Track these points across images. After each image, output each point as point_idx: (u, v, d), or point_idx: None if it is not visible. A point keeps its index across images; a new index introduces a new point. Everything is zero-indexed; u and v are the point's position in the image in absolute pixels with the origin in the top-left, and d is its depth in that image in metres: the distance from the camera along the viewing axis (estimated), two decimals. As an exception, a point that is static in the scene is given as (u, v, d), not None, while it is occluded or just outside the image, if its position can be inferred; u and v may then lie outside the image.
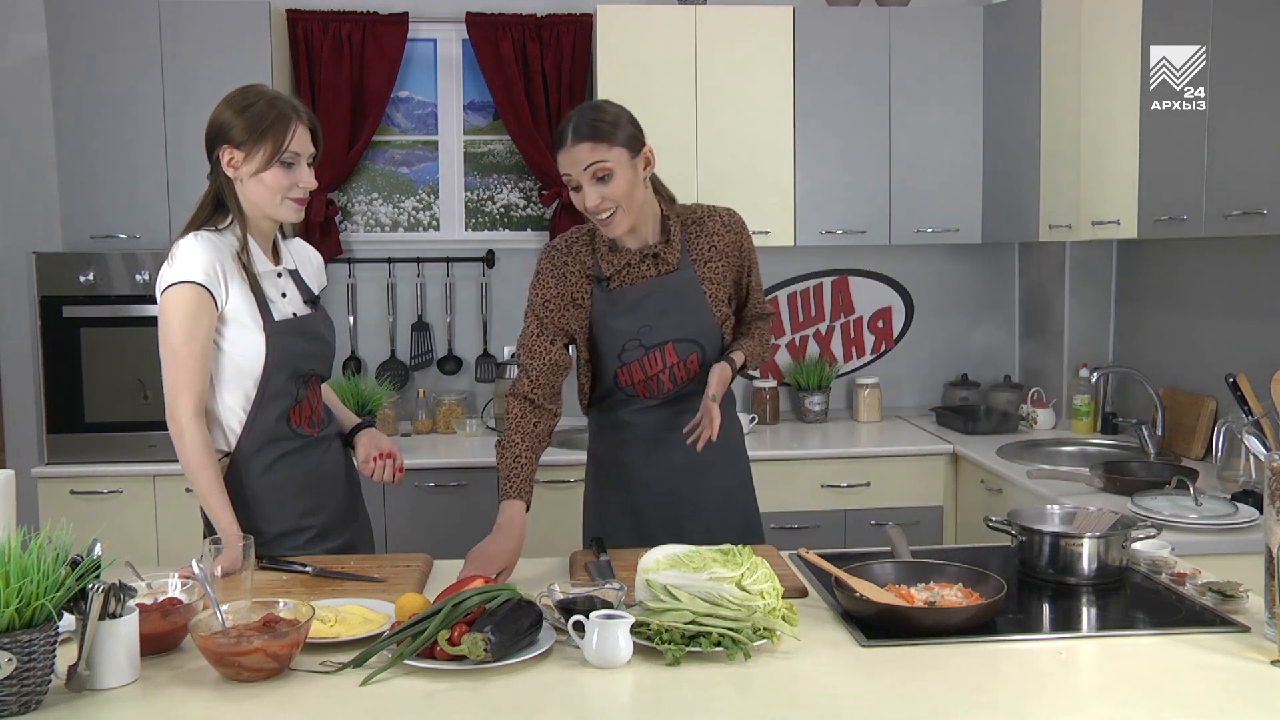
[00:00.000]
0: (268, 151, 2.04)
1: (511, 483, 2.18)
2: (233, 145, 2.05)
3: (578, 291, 2.28)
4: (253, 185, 2.06)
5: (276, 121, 2.04)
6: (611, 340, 2.29)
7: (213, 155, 2.09)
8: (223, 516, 2.01)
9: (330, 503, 2.23)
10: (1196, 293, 3.47)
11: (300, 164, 2.08)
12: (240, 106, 2.06)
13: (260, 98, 2.07)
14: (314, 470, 2.19)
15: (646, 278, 2.28)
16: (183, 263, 2.01)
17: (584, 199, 2.15)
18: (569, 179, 2.16)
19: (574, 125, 2.14)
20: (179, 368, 2.02)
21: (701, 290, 2.30)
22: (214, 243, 2.04)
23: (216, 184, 2.10)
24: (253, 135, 2.04)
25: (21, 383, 3.98)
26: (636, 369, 2.30)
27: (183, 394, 2.02)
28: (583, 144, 2.12)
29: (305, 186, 2.09)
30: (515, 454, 2.21)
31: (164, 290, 2.03)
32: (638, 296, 2.27)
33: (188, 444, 2.02)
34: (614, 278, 2.27)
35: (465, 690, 1.49)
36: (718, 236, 2.33)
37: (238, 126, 2.04)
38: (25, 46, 3.90)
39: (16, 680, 1.38)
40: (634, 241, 2.27)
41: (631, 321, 2.27)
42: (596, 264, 2.28)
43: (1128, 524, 2.03)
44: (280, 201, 2.08)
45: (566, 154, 2.13)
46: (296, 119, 2.07)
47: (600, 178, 2.13)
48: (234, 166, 2.06)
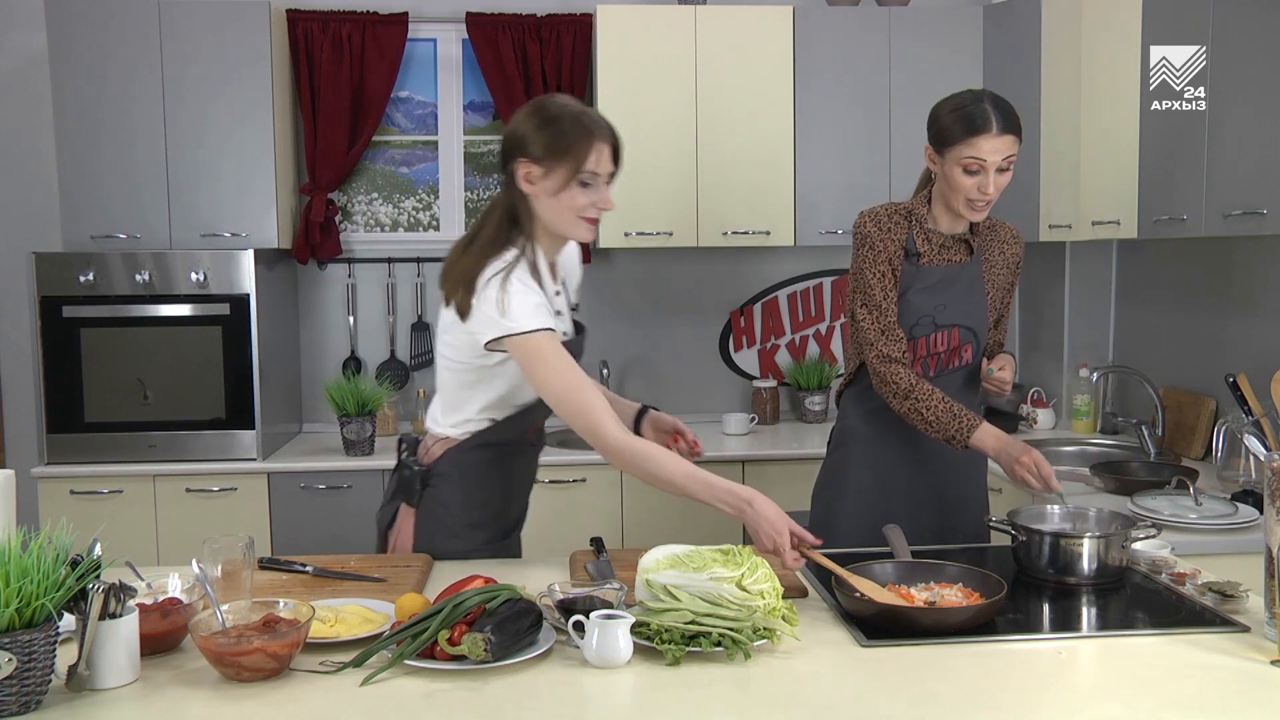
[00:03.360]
0: (567, 171, 1.94)
1: (963, 416, 2.27)
2: (530, 160, 1.96)
3: (896, 259, 2.36)
4: (548, 203, 1.98)
5: (579, 140, 1.94)
6: (909, 313, 2.36)
7: (507, 167, 2.00)
8: (715, 483, 1.92)
9: (521, 504, 2.30)
10: (1196, 293, 3.47)
11: (599, 184, 1.98)
12: (542, 120, 1.97)
13: (565, 113, 1.97)
14: (525, 472, 2.25)
15: (951, 261, 2.39)
16: (519, 311, 1.92)
17: (981, 184, 2.23)
18: (975, 163, 2.22)
19: (1000, 116, 2.21)
20: (578, 400, 1.92)
21: (984, 288, 2.41)
22: (530, 284, 1.96)
23: (510, 198, 2.01)
24: (552, 153, 1.94)
25: (21, 383, 3.98)
26: (923, 344, 2.38)
27: (603, 421, 1.91)
28: (1009, 135, 2.22)
29: (602, 207, 1.99)
30: (941, 399, 2.28)
31: (513, 336, 1.92)
32: (939, 277, 2.37)
33: (630, 465, 1.93)
34: (925, 254, 2.36)
35: (465, 690, 1.49)
36: (1006, 245, 2.47)
37: (537, 142, 1.95)
38: (25, 46, 3.90)
39: (16, 680, 1.38)
40: (950, 227, 2.37)
41: (930, 299, 2.36)
42: (911, 239, 2.36)
43: (1128, 524, 2.04)
44: (574, 221, 1.99)
45: (990, 141, 2.21)
46: (600, 137, 1.96)
47: (1004, 169, 2.24)
48: (529, 181, 1.98)
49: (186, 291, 3.54)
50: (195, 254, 3.55)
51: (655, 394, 4.09)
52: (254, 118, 3.64)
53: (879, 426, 2.41)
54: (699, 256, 4.18)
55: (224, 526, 3.33)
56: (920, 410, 2.30)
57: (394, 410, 4.02)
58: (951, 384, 2.42)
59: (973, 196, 2.26)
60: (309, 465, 3.60)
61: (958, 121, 2.23)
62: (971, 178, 2.24)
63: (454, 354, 2.07)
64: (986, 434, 2.27)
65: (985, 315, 2.42)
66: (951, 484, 2.45)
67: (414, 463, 2.16)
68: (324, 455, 3.67)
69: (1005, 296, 2.50)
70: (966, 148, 2.22)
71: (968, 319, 2.40)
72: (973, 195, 2.25)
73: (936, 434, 2.30)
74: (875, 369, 2.35)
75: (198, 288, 3.53)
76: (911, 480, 2.41)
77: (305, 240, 3.91)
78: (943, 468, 2.43)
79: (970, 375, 2.46)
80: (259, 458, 3.58)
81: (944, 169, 2.28)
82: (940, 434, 2.30)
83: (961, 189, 2.25)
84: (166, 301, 3.54)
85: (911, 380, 2.31)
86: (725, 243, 3.88)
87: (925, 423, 2.30)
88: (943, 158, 2.28)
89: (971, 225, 2.40)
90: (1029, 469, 2.24)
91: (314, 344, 4.14)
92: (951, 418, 2.28)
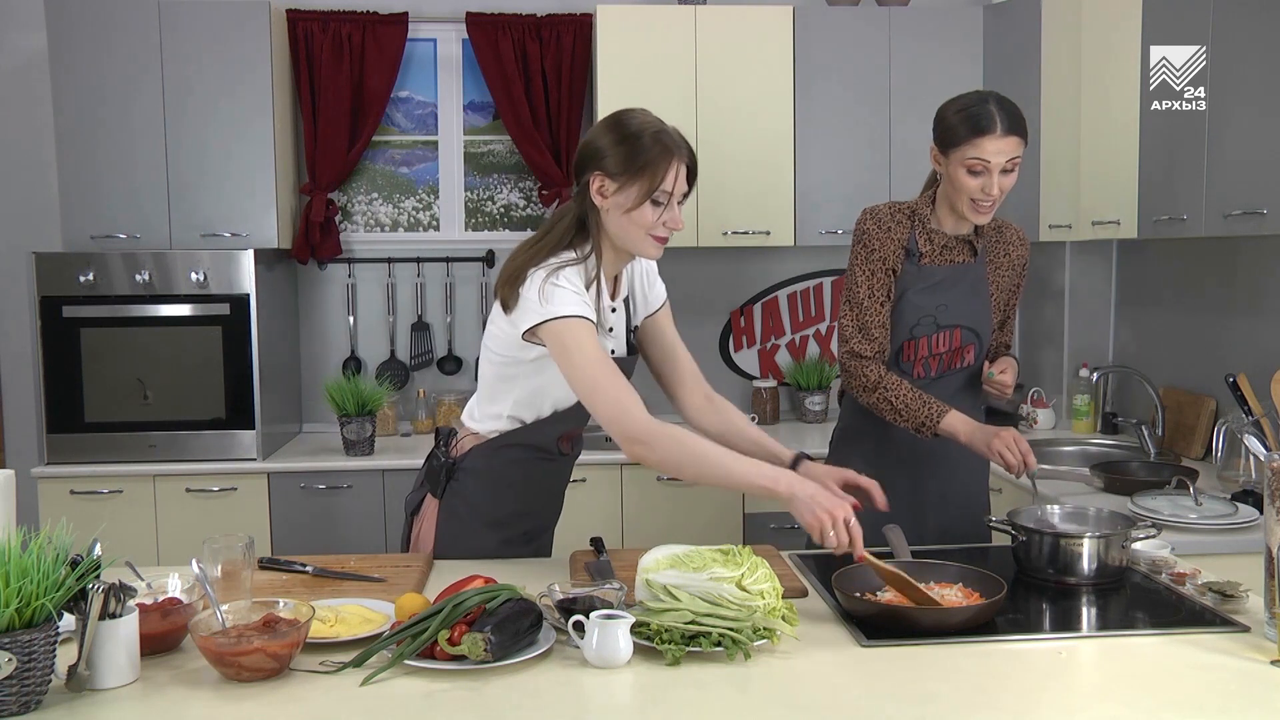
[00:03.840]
0: (642, 189, 1.92)
1: (932, 404, 2.28)
2: (605, 175, 1.94)
3: (894, 259, 2.36)
4: (618, 218, 1.95)
5: (657, 158, 1.91)
6: (909, 313, 2.37)
7: (582, 178, 1.98)
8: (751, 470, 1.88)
9: (551, 509, 2.32)
10: (1196, 293, 3.47)
11: (671, 203, 1.95)
12: (620, 136, 1.94)
13: (644, 130, 1.94)
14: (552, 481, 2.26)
15: (954, 262, 2.39)
16: (561, 300, 1.90)
17: (985, 185, 2.23)
18: (979, 164, 2.22)
19: (1004, 117, 2.21)
20: (610, 386, 1.89)
21: (989, 289, 2.41)
22: (577, 283, 1.94)
23: (581, 209, 1.99)
24: (629, 169, 1.92)
25: (21, 383, 3.98)
26: (924, 344, 2.38)
27: (631, 407, 1.88)
28: (1013, 137, 2.22)
29: (672, 227, 1.96)
30: (909, 389, 2.30)
31: (551, 321, 1.90)
32: (941, 277, 2.37)
33: (669, 443, 1.87)
34: (927, 255, 2.36)
35: (465, 690, 1.49)
36: (1013, 247, 2.46)
37: (614, 157, 1.93)
38: (25, 46, 3.90)
39: (16, 680, 1.38)
40: (954, 228, 2.37)
41: (931, 299, 2.36)
42: (913, 239, 2.36)
43: (1128, 524, 2.03)
44: (643, 238, 1.97)
45: (994, 142, 2.20)
46: (679, 157, 1.94)
47: (1008, 170, 2.23)
48: (603, 195, 1.95)
49: (186, 291, 3.54)
50: (195, 254, 3.55)
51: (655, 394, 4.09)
52: (254, 118, 3.64)
53: (879, 426, 2.41)
54: (699, 256, 4.18)
55: (224, 526, 3.34)
56: (889, 400, 2.31)
57: (394, 410, 4.02)
58: (953, 385, 2.42)
59: (977, 197, 2.26)
60: (309, 465, 3.60)
61: (963, 122, 2.23)
62: (975, 179, 2.24)
63: (495, 345, 2.07)
64: (956, 420, 2.29)
65: (989, 317, 2.42)
66: (952, 484, 2.45)
67: (443, 454, 2.17)
68: (324, 455, 3.67)
69: (1010, 298, 2.50)
70: (971, 148, 2.22)
71: (970, 320, 2.40)
72: (977, 196, 2.25)
73: (906, 423, 2.32)
74: (845, 364, 2.38)
75: (198, 288, 3.53)
76: (912, 480, 2.41)
77: (305, 240, 3.91)
78: (943, 468, 2.42)
79: (972, 377, 2.46)
80: (259, 458, 3.58)
81: (948, 170, 2.28)
82: (910, 423, 2.31)
83: (966, 190, 2.26)
84: (166, 301, 3.54)
85: (880, 373, 2.33)
86: (725, 243, 3.88)
87: (895, 412, 2.32)
88: (947, 158, 2.28)
89: (976, 227, 2.39)
90: (1007, 444, 2.24)
91: (314, 344, 4.14)
92: (921, 405, 2.29)
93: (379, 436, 3.87)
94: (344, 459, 3.63)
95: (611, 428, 1.89)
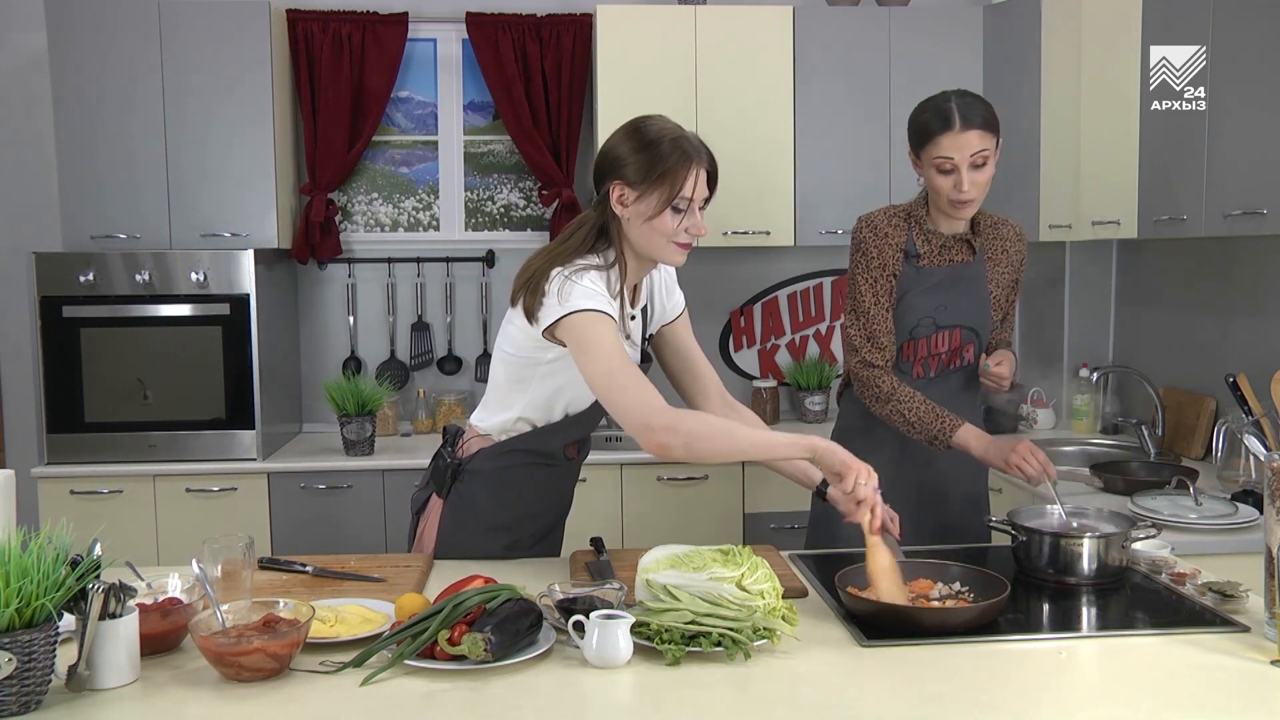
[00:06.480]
0: (662, 197, 1.90)
1: (945, 418, 2.28)
2: (625, 183, 1.92)
3: (894, 263, 2.36)
4: (640, 226, 1.94)
5: (676, 165, 1.90)
6: (909, 315, 2.37)
7: (601, 187, 1.96)
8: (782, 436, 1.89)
9: (559, 510, 2.29)
10: (1196, 293, 3.47)
11: (692, 209, 1.94)
12: (639, 143, 1.92)
13: (663, 137, 1.92)
14: (558, 486, 2.24)
15: (953, 262, 2.39)
16: (581, 295, 1.88)
17: (957, 183, 2.23)
18: (946, 162, 2.22)
19: (964, 111, 2.22)
20: (629, 380, 1.86)
21: (988, 287, 2.41)
22: (599, 285, 1.92)
23: (602, 218, 1.97)
24: (648, 178, 1.90)
25: (21, 383, 3.98)
26: (924, 345, 2.39)
27: (651, 399, 1.84)
28: (973, 131, 2.21)
29: (694, 233, 1.95)
30: (922, 401, 2.29)
31: (570, 315, 1.87)
32: (941, 277, 2.38)
33: (695, 423, 1.85)
34: (925, 256, 2.36)
35: (465, 690, 1.49)
36: (1010, 244, 2.46)
37: (633, 164, 1.91)
38: (25, 46, 3.90)
39: (16, 680, 1.38)
40: (949, 227, 2.37)
41: (930, 300, 2.36)
42: (911, 240, 2.36)
43: (1128, 524, 2.03)
44: (665, 245, 1.95)
45: (954, 138, 2.21)
46: (698, 163, 1.93)
47: (978, 165, 2.23)
48: (623, 204, 1.94)
49: (186, 291, 3.54)
50: (195, 254, 3.55)
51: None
52: (254, 118, 3.64)
53: (879, 426, 2.41)
54: (699, 256, 4.16)
55: (224, 526, 3.34)
56: (902, 412, 2.31)
57: (394, 410, 4.02)
58: (952, 384, 2.43)
59: (951, 196, 2.26)
60: (309, 465, 3.60)
61: (926, 123, 2.26)
62: (946, 177, 2.25)
63: (510, 346, 2.05)
64: (969, 434, 2.28)
65: (988, 315, 2.43)
66: (952, 484, 2.45)
67: (449, 454, 2.16)
68: (324, 455, 3.67)
69: (1010, 294, 2.50)
70: (934, 148, 2.24)
71: (969, 319, 2.40)
72: (951, 195, 2.26)
73: (919, 435, 2.31)
74: (857, 374, 2.37)
75: (198, 288, 3.53)
76: (912, 480, 2.41)
77: (305, 240, 3.92)
78: (943, 468, 2.42)
79: (971, 376, 2.46)
80: (259, 458, 3.58)
81: (924, 172, 2.31)
82: (923, 435, 2.30)
83: (941, 190, 2.27)
84: (166, 301, 3.54)
85: (893, 384, 2.32)
86: (725, 243, 3.89)
87: (907, 424, 2.31)
88: (920, 161, 2.30)
89: (973, 225, 2.40)
90: (1024, 457, 2.24)
91: (314, 344, 4.14)
92: (934, 419, 2.28)
93: (379, 436, 3.87)
94: (344, 459, 3.63)
95: (631, 421, 1.84)
